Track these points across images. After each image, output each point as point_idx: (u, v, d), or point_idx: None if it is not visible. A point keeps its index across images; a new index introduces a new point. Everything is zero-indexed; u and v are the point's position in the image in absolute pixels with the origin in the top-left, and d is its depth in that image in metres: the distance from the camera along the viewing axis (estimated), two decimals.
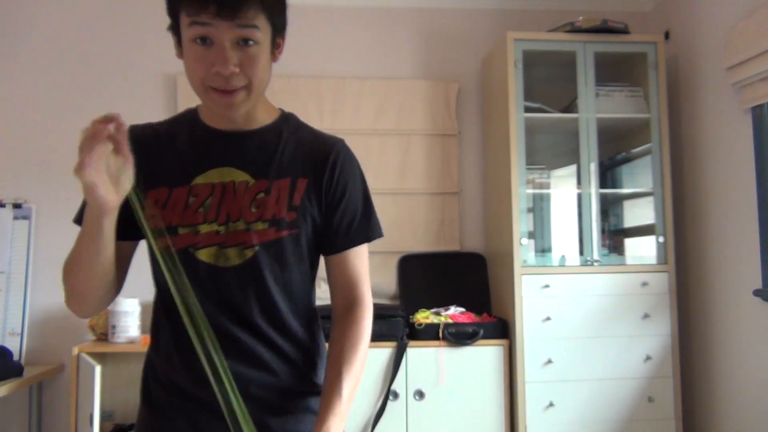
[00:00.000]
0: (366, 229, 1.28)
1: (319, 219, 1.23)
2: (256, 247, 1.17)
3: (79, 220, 1.13)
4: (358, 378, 1.20)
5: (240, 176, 1.19)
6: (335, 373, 1.19)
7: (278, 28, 1.15)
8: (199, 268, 1.16)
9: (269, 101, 1.27)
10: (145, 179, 1.16)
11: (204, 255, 1.16)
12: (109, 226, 1.05)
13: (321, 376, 1.26)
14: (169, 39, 1.20)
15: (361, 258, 1.27)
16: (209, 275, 1.17)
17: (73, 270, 1.11)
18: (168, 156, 1.21)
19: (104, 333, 3.01)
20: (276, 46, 1.17)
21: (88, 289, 1.13)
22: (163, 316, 1.23)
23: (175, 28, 1.15)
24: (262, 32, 1.10)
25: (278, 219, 1.18)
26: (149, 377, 1.25)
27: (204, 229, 1.17)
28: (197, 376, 1.13)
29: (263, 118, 1.24)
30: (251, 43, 1.10)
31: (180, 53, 1.16)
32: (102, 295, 1.16)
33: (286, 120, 1.28)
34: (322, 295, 1.45)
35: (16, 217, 3.25)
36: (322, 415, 1.16)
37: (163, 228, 1.16)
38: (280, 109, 1.29)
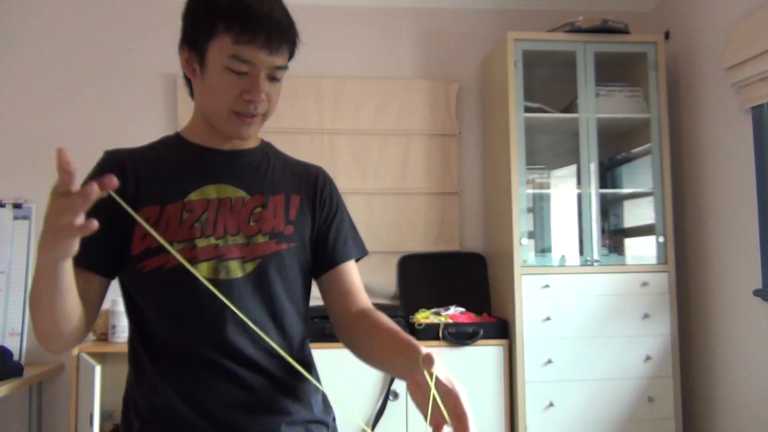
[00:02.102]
0: (358, 245, 1.34)
1: (311, 236, 1.27)
2: (259, 260, 1.18)
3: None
4: None
5: (235, 192, 1.21)
6: (398, 331, 1.13)
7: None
8: (197, 282, 1.08)
9: None
10: (134, 199, 1.15)
11: (203, 269, 1.15)
12: (69, 266, 0.97)
13: (305, 386, 1.24)
14: (168, 39, 1.20)
15: (356, 270, 1.31)
16: (209, 289, 1.10)
17: (36, 311, 1.03)
18: (159, 175, 1.19)
19: (104, 333, 3.01)
20: None
21: (54, 330, 1.05)
22: (142, 346, 1.18)
23: (195, 46, 1.15)
24: (285, 72, 1.18)
25: (277, 232, 1.21)
26: (130, 412, 1.19)
27: (201, 243, 1.15)
28: (188, 401, 1.13)
29: (250, 142, 1.28)
30: (277, 79, 1.17)
31: (193, 71, 1.18)
32: (69, 333, 1.07)
33: (268, 146, 1.33)
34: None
35: (16, 217, 3.25)
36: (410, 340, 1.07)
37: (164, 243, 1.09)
38: (260, 138, 1.34)
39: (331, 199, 1.31)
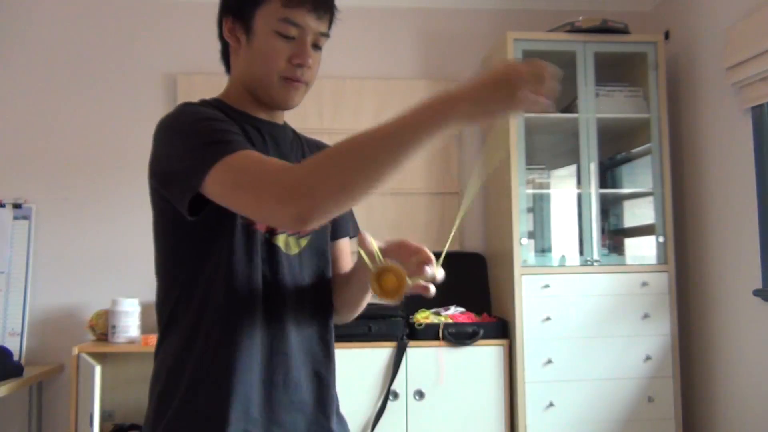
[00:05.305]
0: (353, 223, 1.37)
1: None
2: (309, 236, 1.22)
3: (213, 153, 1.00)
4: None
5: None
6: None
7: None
8: (278, 253, 1.16)
9: None
10: None
11: (280, 241, 1.17)
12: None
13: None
14: (168, 39, 1.20)
15: (349, 246, 1.35)
16: (287, 261, 1.17)
17: (367, 160, 0.99)
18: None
19: (104, 333, 3.01)
20: None
21: (358, 191, 0.99)
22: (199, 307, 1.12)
23: (240, 15, 1.17)
24: (327, 40, 1.22)
25: None
26: (173, 376, 1.12)
27: None
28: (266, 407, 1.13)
29: (278, 119, 1.28)
30: (319, 48, 1.21)
31: (238, 40, 1.18)
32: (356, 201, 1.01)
33: (287, 124, 1.34)
34: None
35: (16, 217, 3.25)
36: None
37: None
38: None
39: None
